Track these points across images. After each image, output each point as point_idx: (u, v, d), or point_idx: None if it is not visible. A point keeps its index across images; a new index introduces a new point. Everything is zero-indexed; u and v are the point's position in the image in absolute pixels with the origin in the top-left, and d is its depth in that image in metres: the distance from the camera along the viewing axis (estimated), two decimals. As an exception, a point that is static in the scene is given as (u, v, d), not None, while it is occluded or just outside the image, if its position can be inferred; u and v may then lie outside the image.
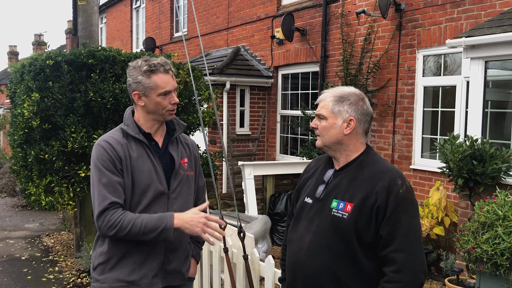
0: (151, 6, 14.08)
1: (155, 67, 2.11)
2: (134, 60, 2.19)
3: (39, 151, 5.00)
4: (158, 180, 2.15)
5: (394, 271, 1.75)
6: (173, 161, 2.23)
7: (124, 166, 2.09)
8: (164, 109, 2.16)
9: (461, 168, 4.51)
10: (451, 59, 6.27)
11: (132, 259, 2.13)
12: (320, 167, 2.06)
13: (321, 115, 1.94)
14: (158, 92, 2.12)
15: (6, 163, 14.25)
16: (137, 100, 2.16)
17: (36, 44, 28.56)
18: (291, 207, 2.19)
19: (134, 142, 2.15)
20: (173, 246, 2.21)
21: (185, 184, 2.28)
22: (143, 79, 2.11)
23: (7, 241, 6.95)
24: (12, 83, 5.75)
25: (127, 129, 2.16)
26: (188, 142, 2.40)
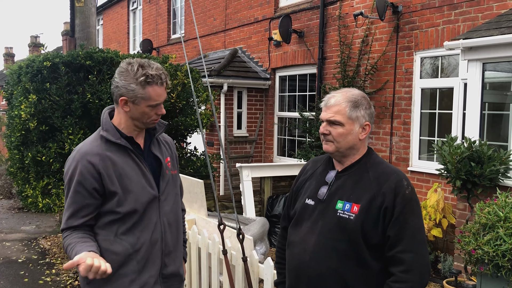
0: (148, 8, 14.07)
1: (152, 79, 1.98)
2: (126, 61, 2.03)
3: (36, 153, 4.99)
4: (149, 184, 2.08)
5: (403, 271, 1.76)
6: (158, 162, 2.16)
7: (106, 178, 1.98)
8: (149, 118, 2.06)
9: (459, 170, 4.52)
10: (448, 61, 6.28)
11: (129, 269, 2.04)
12: (318, 168, 2.05)
13: (337, 121, 1.88)
14: (149, 103, 2.01)
15: (2, 165, 14.20)
16: (122, 105, 2.02)
17: (32, 46, 28.50)
18: (286, 209, 2.17)
19: (115, 148, 2.03)
20: (169, 249, 2.16)
21: (172, 184, 2.21)
22: (137, 89, 1.97)
23: (3, 243, 6.91)
24: (9, 84, 5.74)
25: (106, 135, 2.03)
26: (167, 140, 2.32)
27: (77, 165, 1.99)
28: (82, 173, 1.97)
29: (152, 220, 2.09)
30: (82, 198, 1.98)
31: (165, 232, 2.14)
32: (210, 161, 6.55)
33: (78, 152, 2.02)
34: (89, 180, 1.97)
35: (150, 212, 2.08)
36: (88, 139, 2.10)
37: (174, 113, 5.75)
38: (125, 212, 2.02)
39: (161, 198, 2.13)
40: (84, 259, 1.80)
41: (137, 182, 2.04)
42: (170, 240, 2.17)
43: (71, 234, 1.99)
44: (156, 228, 2.10)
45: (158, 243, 2.11)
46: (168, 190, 2.18)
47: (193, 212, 4.51)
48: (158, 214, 2.11)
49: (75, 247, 1.93)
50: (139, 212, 2.04)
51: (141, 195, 2.04)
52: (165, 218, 2.14)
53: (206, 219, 4.37)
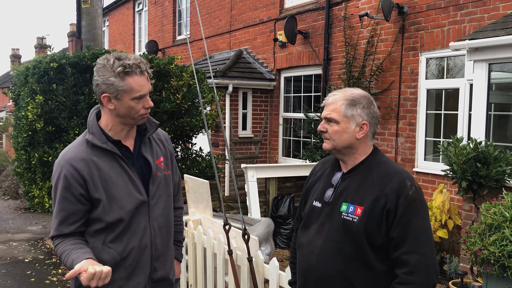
0: (153, 9, 14.12)
1: (130, 69, 1.87)
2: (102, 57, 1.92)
3: (43, 153, 5.02)
4: (136, 190, 1.99)
5: (407, 272, 1.74)
6: (148, 164, 2.05)
7: (91, 184, 1.91)
8: (137, 113, 1.95)
9: (465, 171, 4.50)
10: (454, 62, 6.27)
11: (118, 276, 1.97)
12: (327, 169, 2.05)
13: (333, 118, 1.90)
14: (132, 96, 1.89)
15: (8, 165, 14.29)
16: (106, 103, 1.91)
17: (38, 47, 28.69)
18: (298, 210, 2.17)
19: (101, 152, 1.95)
20: (158, 253, 2.10)
21: (164, 187, 2.12)
22: (116, 81, 1.86)
23: (10, 243, 6.95)
24: (16, 85, 5.78)
25: (92, 140, 1.94)
26: (162, 137, 2.20)
27: (61, 170, 1.93)
28: (67, 179, 1.91)
29: (140, 226, 2.02)
30: (70, 205, 1.93)
31: (155, 236, 2.07)
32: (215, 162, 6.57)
33: (63, 158, 1.96)
34: (75, 186, 1.91)
35: (138, 218, 2.01)
36: (74, 143, 2.02)
37: (179, 114, 5.77)
38: (111, 221, 1.96)
39: (151, 202, 2.05)
40: (86, 268, 1.75)
41: (123, 188, 1.96)
42: (160, 244, 2.10)
43: (63, 241, 1.95)
44: (145, 234, 2.03)
45: (147, 249, 2.04)
46: (159, 193, 2.10)
47: (199, 212, 4.53)
48: (147, 219, 2.04)
49: (71, 254, 1.88)
50: (125, 220, 1.97)
51: (126, 202, 1.97)
52: (155, 222, 2.07)
53: (212, 219, 4.38)
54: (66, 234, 1.96)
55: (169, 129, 5.62)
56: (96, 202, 1.95)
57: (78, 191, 1.92)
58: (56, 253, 1.98)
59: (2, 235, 7.41)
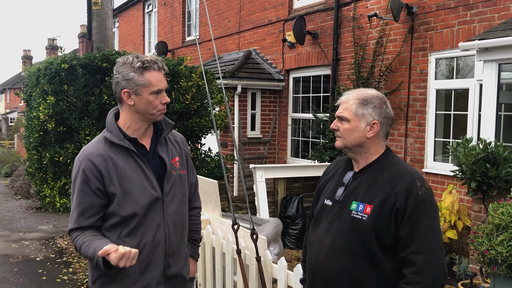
0: (163, 10, 14.20)
1: (149, 64, 2.00)
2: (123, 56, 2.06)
3: (54, 153, 5.08)
4: (151, 186, 2.06)
5: (414, 272, 1.75)
6: (163, 163, 2.13)
7: (108, 179, 2.00)
8: (155, 108, 2.04)
9: (474, 171, 4.48)
10: (464, 62, 6.24)
11: (132, 269, 2.03)
12: (339, 169, 2.07)
13: (344, 117, 1.93)
14: (151, 90, 2.00)
15: (20, 165, 14.47)
16: (126, 98, 2.02)
17: (49, 48, 28.98)
18: (311, 209, 2.20)
19: (119, 149, 2.04)
20: (172, 250, 2.16)
21: (179, 185, 2.19)
22: (135, 76, 1.98)
23: (22, 242, 7.04)
24: (28, 86, 5.85)
25: (110, 137, 2.04)
26: (178, 139, 2.29)
27: (80, 165, 2.01)
28: (86, 173, 1.99)
29: (154, 222, 2.08)
30: (88, 198, 2.00)
31: (169, 233, 2.13)
32: (224, 162, 6.60)
33: (82, 153, 2.05)
34: (93, 180, 1.99)
35: (152, 214, 2.07)
36: (93, 140, 2.11)
37: (189, 114, 5.80)
38: (126, 216, 2.03)
39: (166, 199, 2.12)
40: (115, 248, 1.83)
41: (138, 184, 2.03)
42: (174, 241, 2.16)
43: (83, 233, 2.02)
44: (159, 230, 2.09)
45: (161, 244, 2.10)
46: (174, 191, 2.16)
47: (208, 212, 4.56)
48: (161, 215, 2.10)
49: (92, 243, 1.95)
50: (139, 214, 2.04)
51: (141, 197, 2.03)
52: (169, 219, 2.12)
53: (220, 219, 4.41)
54: (84, 227, 2.03)
55: (178, 129, 5.67)
56: (112, 196, 2.02)
57: (95, 185, 2.00)
58: (75, 245, 2.03)
59: (14, 234, 7.51)
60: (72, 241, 2.05)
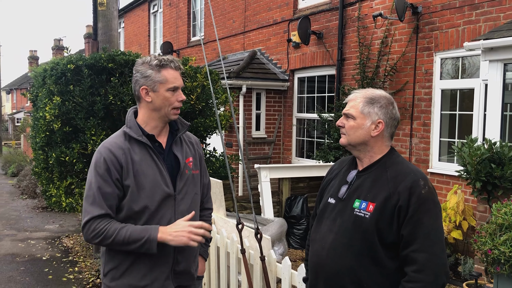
0: (168, 11, 14.25)
1: (165, 62, 2.11)
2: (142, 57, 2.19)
3: (60, 153, 5.11)
4: (164, 182, 2.13)
5: (415, 271, 1.76)
6: (178, 162, 2.21)
7: (126, 171, 2.07)
8: (171, 105, 2.14)
9: (479, 172, 4.48)
10: (469, 62, 6.22)
11: (142, 264, 2.12)
12: (343, 168, 2.09)
13: (350, 114, 1.96)
14: (167, 86, 2.10)
15: (27, 165, 14.55)
16: (144, 95, 2.12)
17: (55, 49, 29.16)
18: (315, 208, 2.21)
19: (137, 144, 2.13)
20: (182, 247, 2.18)
21: (191, 184, 2.26)
22: (153, 73, 2.09)
23: (28, 241, 7.09)
24: (34, 87, 5.89)
25: (129, 132, 2.13)
26: (192, 140, 2.38)
27: (102, 155, 2.08)
28: (107, 163, 2.06)
29: (165, 218, 2.14)
30: (109, 187, 2.06)
31: None
32: (228, 162, 6.63)
33: (103, 145, 2.13)
34: (113, 171, 2.06)
35: (163, 210, 2.13)
36: (113, 135, 2.20)
37: (193, 114, 5.82)
38: (138, 210, 2.09)
39: (178, 197, 2.18)
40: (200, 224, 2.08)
41: (152, 179, 2.10)
42: None
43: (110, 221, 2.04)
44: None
45: None
46: (186, 189, 2.22)
47: (212, 211, 4.57)
48: (173, 213, 2.16)
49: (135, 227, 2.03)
50: (151, 209, 2.10)
51: (154, 192, 2.10)
52: (180, 216, 2.17)
53: (225, 218, 4.42)
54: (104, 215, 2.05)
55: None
56: (126, 189, 2.09)
57: (115, 176, 2.07)
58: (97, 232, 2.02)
59: (21, 234, 7.57)
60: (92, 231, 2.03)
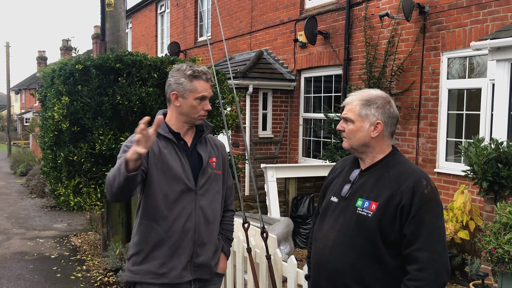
0: (175, 11, 14.30)
1: (198, 74, 2.26)
2: (179, 64, 2.34)
3: (68, 153, 5.16)
4: (185, 176, 2.27)
5: (417, 269, 1.77)
6: (201, 160, 2.35)
7: (152, 158, 2.22)
8: (197, 113, 2.29)
9: (486, 171, 4.47)
10: (476, 62, 6.20)
11: (161, 252, 2.25)
12: (346, 167, 2.11)
13: (348, 118, 1.98)
14: (196, 96, 2.25)
15: (35, 165, 14.68)
16: (173, 100, 2.28)
17: (64, 49, 29.31)
18: (317, 206, 2.23)
19: (164, 140, 2.28)
20: (202, 240, 2.32)
21: (213, 182, 2.38)
22: (185, 82, 2.25)
23: (37, 240, 7.17)
24: (43, 87, 5.95)
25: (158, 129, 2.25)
26: (217, 143, 2.51)
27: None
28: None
29: (186, 210, 2.27)
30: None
31: (199, 223, 2.30)
32: (235, 162, 6.64)
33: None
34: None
35: (184, 203, 2.27)
36: None
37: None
38: (159, 197, 2.22)
39: (199, 192, 2.31)
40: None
41: (175, 172, 2.25)
42: (204, 232, 2.33)
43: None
44: (189, 219, 2.28)
45: (190, 233, 2.28)
46: (208, 186, 2.36)
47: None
48: (193, 206, 2.29)
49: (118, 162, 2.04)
50: (170, 198, 2.24)
51: (175, 184, 2.24)
52: (200, 211, 2.31)
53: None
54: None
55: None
56: (149, 178, 2.23)
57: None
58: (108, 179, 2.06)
59: (30, 232, 7.65)
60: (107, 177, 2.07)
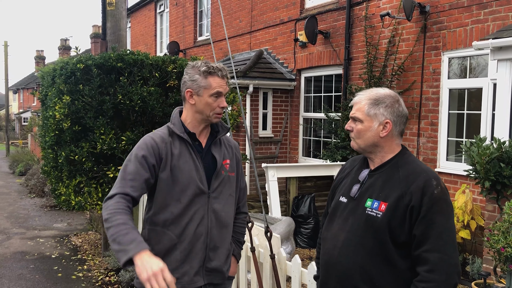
0: (175, 10, 14.28)
1: (213, 70, 2.20)
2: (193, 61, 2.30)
3: (69, 152, 5.14)
4: (199, 179, 2.20)
5: (427, 270, 1.76)
6: (215, 162, 2.28)
7: (164, 163, 2.15)
8: (212, 111, 2.22)
9: (488, 171, 4.46)
10: (477, 61, 6.20)
11: (173, 257, 2.18)
12: (355, 167, 2.09)
13: (357, 117, 1.95)
14: (211, 92, 2.19)
15: (34, 164, 14.65)
16: (188, 97, 2.22)
17: (62, 49, 29.26)
18: (326, 206, 2.22)
19: (178, 140, 2.22)
20: (214, 244, 2.26)
21: (227, 185, 2.31)
22: (200, 78, 2.19)
23: (37, 239, 7.15)
24: (43, 86, 5.93)
25: (173, 128, 2.23)
26: (231, 144, 2.44)
27: (146, 142, 2.18)
28: (149, 149, 2.15)
29: (199, 214, 2.20)
30: (143, 170, 2.11)
31: (211, 227, 2.24)
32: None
33: (148, 135, 2.23)
34: (152, 158, 2.14)
35: (197, 206, 2.20)
36: (158, 129, 2.30)
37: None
38: (171, 203, 2.16)
39: (212, 195, 2.24)
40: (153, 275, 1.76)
41: (187, 175, 2.18)
42: (216, 236, 2.26)
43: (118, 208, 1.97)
44: (202, 222, 2.21)
45: (202, 237, 2.22)
46: (221, 189, 2.29)
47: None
48: (206, 210, 2.22)
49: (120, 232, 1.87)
50: (183, 203, 2.17)
51: (187, 187, 2.17)
52: (213, 214, 2.24)
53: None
54: (127, 194, 2.05)
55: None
56: (161, 181, 2.16)
57: (152, 163, 2.14)
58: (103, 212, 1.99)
59: (30, 232, 7.63)
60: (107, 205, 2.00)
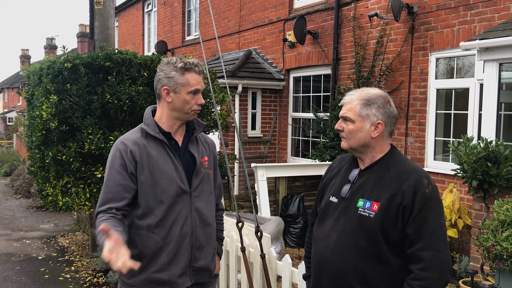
0: (163, 10, 14.21)
1: (190, 66, 2.15)
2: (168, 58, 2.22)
3: (57, 152, 5.08)
4: (179, 178, 2.16)
5: (421, 268, 1.78)
6: (193, 160, 2.24)
7: (140, 166, 2.11)
8: (190, 108, 2.17)
9: (476, 170, 4.52)
10: (464, 62, 6.27)
11: (160, 260, 2.15)
12: (344, 166, 2.09)
13: (348, 118, 1.95)
14: (189, 89, 2.14)
15: (20, 165, 14.46)
16: (165, 95, 2.16)
17: (48, 48, 28.96)
18: (314, 205, 2.22)
19: (153, 141, 2.17)
20: (200, 243, 2.24)
21: (207, 183, 2.29)
22: (177, 75, 2.13)
23: (23, 241, 7.05)
24: (30, 85, 5.85)
25: (147, 129, 2.18)
26: (208, 141, 2.42)
27: (118, 150, 2.14)
28: (123, 157, 2.11)
29: (182, 214, 2.17)
30: (124, 180, 2.09)
31: (195, 227, 2.22)
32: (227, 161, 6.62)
33: (119, 140, 2.18)
34: (129, 165, 2.11)
35: (180, 207, 2.17)
36: (130, 131, 2.25)
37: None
38: (153, 205, 2.12)
39: (193, 194, 2.22)
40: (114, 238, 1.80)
41: (167, 175, 2.14)
42: (201, 235, 2.24)
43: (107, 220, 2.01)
44: (186, 223, 2.18)
45: (188, 237, 2.19)
46: (202, 187, 2.26)
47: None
48: (189, 209, 2.20)
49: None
50: (166, 204, 2.13)
51: (169, 187, 2.14)
52: (196, 213, 2.22)
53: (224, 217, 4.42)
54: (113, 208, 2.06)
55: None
56: (141, 184, 2.12)
57: (130, 170, 2.11)
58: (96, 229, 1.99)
59: (16, 233, 7.52)
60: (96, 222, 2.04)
